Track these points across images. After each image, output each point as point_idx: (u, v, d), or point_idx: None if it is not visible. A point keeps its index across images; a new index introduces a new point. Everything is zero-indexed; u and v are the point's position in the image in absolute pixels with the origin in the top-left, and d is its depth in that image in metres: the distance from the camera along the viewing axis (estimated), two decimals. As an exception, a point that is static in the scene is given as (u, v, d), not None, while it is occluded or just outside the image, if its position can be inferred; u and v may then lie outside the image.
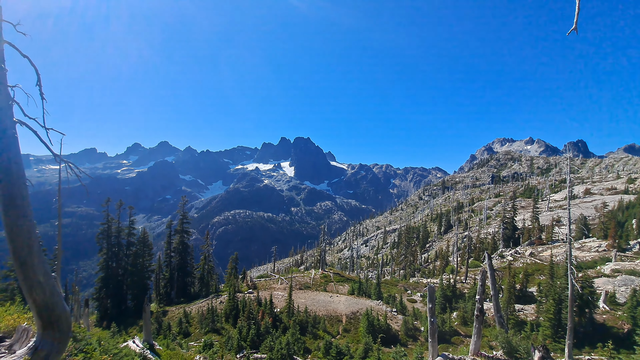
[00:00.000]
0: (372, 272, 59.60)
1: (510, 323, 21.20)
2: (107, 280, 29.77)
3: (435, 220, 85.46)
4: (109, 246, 30.17)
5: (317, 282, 36.53)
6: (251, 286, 33.97)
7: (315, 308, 27.06)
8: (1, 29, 5.61)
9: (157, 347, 15.82)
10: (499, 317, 18.46)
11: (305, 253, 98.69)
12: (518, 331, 19.35)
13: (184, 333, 23.28)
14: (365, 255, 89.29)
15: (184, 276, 34.62)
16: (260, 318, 22.77)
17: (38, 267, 4.96)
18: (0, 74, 5.42)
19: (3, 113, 5.20)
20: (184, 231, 35.02)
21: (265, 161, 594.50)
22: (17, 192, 5.01)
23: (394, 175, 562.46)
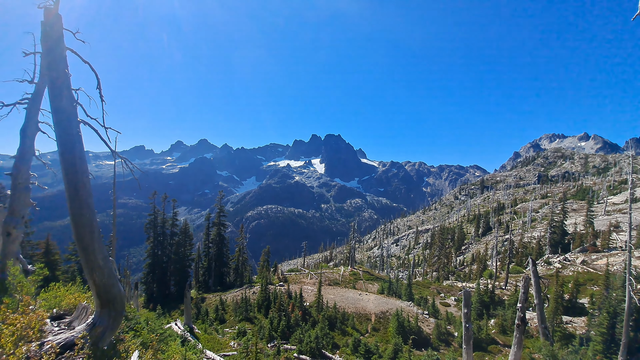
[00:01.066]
0: (402, 273, 58.20)
1: (556, 335, 19.51)
2: (154, 266, 32.48)
3: (472, 222, 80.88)
4: (155, 235, 32.86)
5: (346, 279, 36.54)
6: (282, 279, 34.94)
7: (344, 305, 27.14)
8: (63, 37, 6.34)
9: (196, 331, 16.99)
10: (544, 328, 17.08)
11: (335, 249, 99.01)
12: (565, 344, 17.77)
13: (220, 319, 24.66)
14: (395, 255, 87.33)
15: (220, 266, 36.61)
16: (290, 310, 23.39)
17: (98, 251, 5.59)
18: (64, 79, 6.14)
19: (69, 114, 5.89)
20: (220, 224, 36.97)
21: (297, 158, 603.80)
22: (81, 184, 5.66)
23: (428, 173, 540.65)
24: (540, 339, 17.24)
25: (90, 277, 5.79)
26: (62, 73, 5.96)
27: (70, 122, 5.71)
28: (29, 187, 7.76)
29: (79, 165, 5.57)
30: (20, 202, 7.64)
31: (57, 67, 6.01)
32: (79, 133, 5.69)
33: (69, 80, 6.02)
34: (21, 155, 7.86)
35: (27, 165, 7.71)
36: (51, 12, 6.26)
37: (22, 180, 7.68)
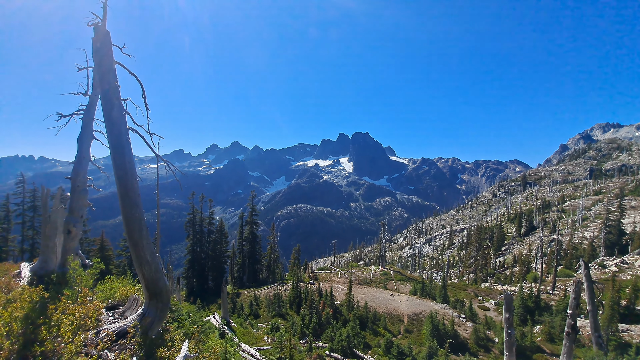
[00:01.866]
0: (436, 274, 56.03)
1: (611, 345, 17.65)
2: (193, 262, 34.52)
3: (513, 221, 75.57)
4: (194, 233, 34.89)
5: (376, 279, 36.02)
6: (312, 277, 35.33)
7: (375, 305, 26.78)
8: (112, 51, 6.93)
9: (232, 324, 17.77)
10: (597, 336, 15.53)
11: (364, 249, 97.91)
12: (620, 354, 16.01)
13: (254, 314, 25.57)
14: (428, 255, 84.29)
15: (253, 263, 37.93)
16: (321, 308, 23.59)
17: (147, 247, 6.08)
18: (115, 90, 6.72)
19: (119, 123, 6.44)
20: (253, 222, 38.30)
21: (325, 157, 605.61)
22: (131, 186, 6.18)
23: (462, 169, 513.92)
24: (593, 349, 15.70)
25: (139, 271, 6.31)
26: (112, 85, 6.54)
27: (120, 130, 6.25)
28: (86, 189, 8.62)
29: (128, 169, 6.09)
30: (79, 203, 8.52)
31: (107, 79, 6.60)
32: (128, 139, 6.22)
33: (119, 92, 6.59)
34: (79, 161, 8.76)
35: (84, 170, 8.58)
36: (100, 29, 6.89)
37: (80, 184, 8.56)
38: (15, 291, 7.26)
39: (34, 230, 25.68)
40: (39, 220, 25.42)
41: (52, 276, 8.15)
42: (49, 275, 8.39)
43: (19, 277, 9.48)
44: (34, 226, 25.73)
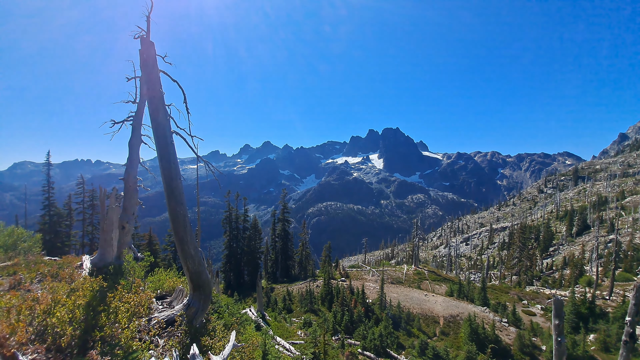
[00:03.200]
0: (474, 275, 53.16)
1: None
2: (230, 257, 36.26)
3: (563, 219, 69.16)
4: (231, 230, 36.61)
5: (409, 278, 35.08)
6: (343, 275, 35.35)
7: (409, 305, 26.13)
8: (156, 61, 7.46)
9: (267, 318, 18.41)
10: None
11: (396, 247, 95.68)
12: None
13: (287, 309, 26.24)
14: (465, 255, 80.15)
15: (286, 259, 38.89)
16: (353, 306, 23.55)
17: (191, 242, 6.52)
18: (160, 97, 7.24)
19: (164, 127, 6.94)
20: (285, 220, 39.23)
21: (354, 154, 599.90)
22: (175, 186, 6.65)
23: (503, 164, 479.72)
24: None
25: (184, 264, 6.79)
26: (157, 92, 7.06)
27: (165, 134, 6.74)
28: (136, 189, 9.43)
29: (173, 170, 6.56)
30: (131, 202, 9.34)
31: (153, 87, 7.13)
32: (172, 142, 6.69)
33: (163, 98, 7.10)
34: (130, 163, 9.59)
35: (134, 171, 9.38)
36: (146, 40, 7.45)
37: (132, 184, 9.37)
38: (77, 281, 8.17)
39: (93, 226, 28.71)
40: (97, 217, 28.38)
41: (109, 267, 9.06)
42: (106, 266, 9.33)
43: (81, 269, 10.63)
44: (92, 222, 28.77)
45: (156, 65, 7.40)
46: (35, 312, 5.32)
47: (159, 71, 7.50)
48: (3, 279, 9.37)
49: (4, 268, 10.68)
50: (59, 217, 27.13)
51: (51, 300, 5.61)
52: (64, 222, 27.47)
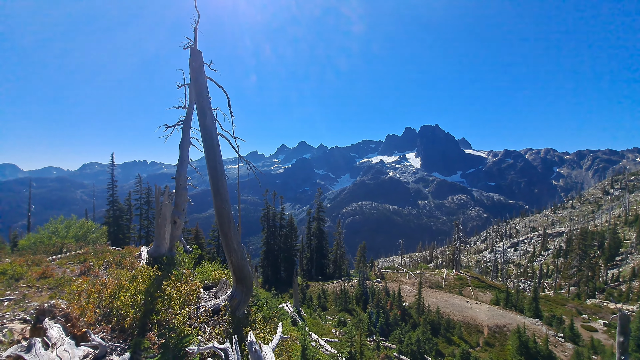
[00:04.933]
0: (524, 283, 48.85)
1: None
2: (268, 253, 37.65)
3: (632, 225, 60.46)
4: (268, 227, 38.00)
5: (450, 284, 33.34)
6: (379, 276, 34.73)
7: (449, 311, 24.86)
8: (204, 69, 8.00)
9: (302, 314, 18.80)
10: None
11: (435, 250, 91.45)
12: None
13: (322, 307, 26.53)
14: (513, 261, 73.88)
15: (320, 258, 39.32)
16: (388, 308, 23.06)
17: (234, 237, 6.93)
18: (207, 102, 7.76)
19: (210, 129, 7.44)
20: (319, 219, 39.66)
21: (390, 153, 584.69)
22: (221, 184, 7.11)
23: (559, 162, 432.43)
24: None
25: (228, 257, 7.24)
26: (205, 97, 7.59)
27: (212, 136, 7.24)
28: (186, 187, 10.24)
29: (219, 169, 7.03)
30: (182, 199, 10.16)
31: (201, 93, 7.69)
32: (218, 144, 7.16)
33: (210, 103, 7.62)
34: (180, 163, 10.44)
35: (184, 171, 10.19)
36: (194, 50, 8.04)
37: (182, 183, 10.20)
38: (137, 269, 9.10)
39: (148, 221, 31.76)
40: (152, 213, 31.37)
41: (163, 258, 9.96)
42: (161, 257, 10.27)
43: (140, 258, 11.81)
44: (148, 217, 31.84)
45: (203, 72, 7.95)
46: (103, 296, 6.05)
47: (206, 78, 8.06)
48: (75, 266, 10.79)
49: (76, 256, 12.28)
50: (121, 212, 30.49)
51: (116, 285, 6.34)
52: (125, 216, 30.82)
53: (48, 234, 15.43)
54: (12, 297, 7.68)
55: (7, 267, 9.33)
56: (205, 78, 8.05)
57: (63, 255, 12.03)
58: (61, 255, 12.07)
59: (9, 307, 7.11)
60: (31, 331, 4.05)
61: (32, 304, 7.38)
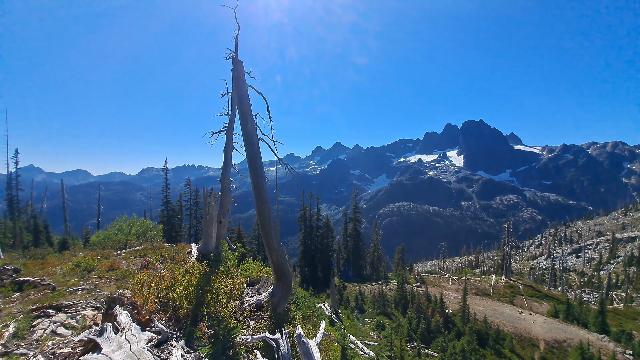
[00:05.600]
0: (588, 294, 43.55)
1: None
2: (305, 253, 38.37)
3: None
4: (305, 227, 38.72)
5: (499, 291, 30.91)
6: (419, 280, 33.43)
7: (498, 321, 23.08)
8: (245, 77, 8.46)
9: (340, 315, 18.83)
10: None
11: (481, 254, 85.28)
12: None
13: (359, 308, 26.29)
14: (575, 270, 66.02)
15: (357, 259, 39.02)
16: (429, 314, 22.10)
17: (274, 237, 7.24)
18: (248, 108, 8.20)
19: (252, 134, 7.85)
20: (356, 220, 39.38)
21: (429, 152, 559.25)
22: (262, 186, 7.47)
23: (630, 157, 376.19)
24: None
25: (269, 256, 7.57)
26: (246, 104, 8.04)
27: (253, 140, 7.65)
28: (230, 189, 10.91)
29: (259, 172, 7.40)
30: (226, 200, 10.85)
31: (243, 100, 8.15)
32: (259, 148, 7.54)
33: (251, 109, 8.05)
34: (225, 167, 11.15)
35: (228, 173, 10.87)
36: (236, 60, 8.55)
37: (226, 185, 10.88)
38: (188, 265, 9.90)
39: (197, 220, 34.34)
40: (200, 213, 33.89)
41: (210, 255, 10.72)
42: (208, 254, 11.06)
43: (190, 254, 12.82)
44: (196, 217, 34.43)
45: (245, 81, 8.42)
46: (161, 288, 6.70)
47: (247, 86, 8.53)
48: (137, 260, 12.04)
49: (137, 251, 13.70)
50: (173, 212, 33.40)
51: (172, 278, 6.99)
52: (176, 216, 33.73)
53: (114, 231, 17.52)
54: (85, 286, 8.84)
55: (81, 260, 10.76)
56: (246, 86, 8.51)
57: (127, 250, 13.52)
58: (125, 250, 13.58)
59: (82, 295, 8.20)
60: (103, 317, 4.66)
61: (102, 293, 8.42)
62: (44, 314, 6.54)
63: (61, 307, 6.59)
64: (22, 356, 5.15)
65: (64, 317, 6.40)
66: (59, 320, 6.26)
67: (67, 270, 9.97)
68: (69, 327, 6.09)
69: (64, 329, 6.03)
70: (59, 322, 6.16)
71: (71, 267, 10.07)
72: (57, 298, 7.52)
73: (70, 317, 6.47)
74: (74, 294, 8.11)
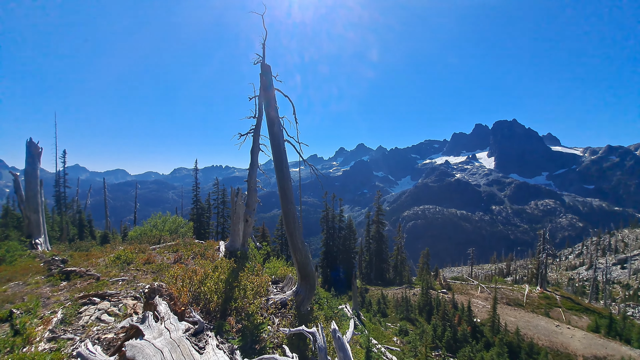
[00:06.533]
0: (633, 308, 39.76)
1: None
2: (327, 254, 38.44)
3: None
4: (327, 228, 38.81)
5: (533, 302, 29.09)
6: (444, 286, 32.30)
7: (531, 334, 21.74)
8: (272, 81, 8.71)
9: (362, 317, 18.68)
10: None
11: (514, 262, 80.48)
12: None
13: (381, 312, 25.90)
14: (620, 282, 60.36)
15: (380, 262, 38.43)
16: (456, 322, 21.30)
17: (299, 237, 7.40)
18: (275, 111, 8.44)
19: (278, 136, 8.07)
20: (379, 222, 38.84)
21: (456, 153, 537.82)
22: (287, 186, 7.66)
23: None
24: None
25: (294, 255, 7.74)
26: (273, 107, 8.29)
27: (279, 142, 7.87)
28: (256, 189, 11.26)
29: (285, 173, 7.60)
30: (252, 199, 11.21)
31: (270, 103, 8.41)
32: (285, 149, 7.75)
33: (278, 112, 8.29)
34: (251, 167, 11.52)
35: (255, 174, 11.22)
36: (264, 65, 8.83)
37: (253, 185, 11.24)
38: (217, 261, 10.33)
39: (224, 218, 35.69)
40: (227, 212, 35.20)
41: (237, 252, 11.12)
42: (235, 251, 11.48)
43: (218, 251, 13.37)
44: (223, 215, 35.79)
45: (272, 84, 8.68)
46: (193, 281, 7.09)
47: (274, 89, 8.79)
48: (170, 254, 12.76)
49: (170, 246, 14.51)
50: (202, 210, 34.95)
51: (203, 273, 7.36)
52: (205, 214, 35.27)
53: (150, 227, 18.70)
54: (124, 277, 9.52)
55: (121, 253, 11.60)
56: (274, 89, 8.77)
57: (161, 245, 14.37)
58: (159, 245, 14.44)
59: (123, 286, 8.84)
60: (144, 306, 5.03)
61: (140, 284, 9.03)
62: (89, 301, 7.15)
63: (105, 295, 7.17)
64: (69, 341, 5.65)
65: (108, 305, 6.97)
66: (103, 308, 6.82)
67: (109, 262, 10.79)
68: (112, 315, 6.62)
69: (108, 316, 6.57)
70: (103, 310, 6.71)
71: (112, 259, 10.89)
72: (101, 287, 8.18)
73: (113, 305, 7.02)
74: (116, 284, 8.78)
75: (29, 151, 15.43)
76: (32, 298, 7.31)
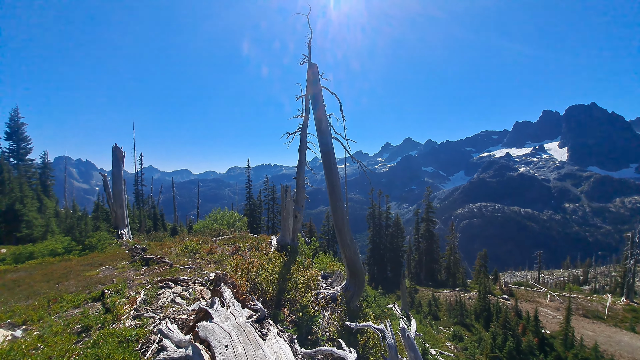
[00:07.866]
0: None
1: None
2: (373, 251, 37.96)
3: None
4: (374, 225, 38.26)
5: (616, 315, 25.01)
6: (506, 292, 29.51)
7: (613, 350, 18.77)
8: (319, 79, 8.85)
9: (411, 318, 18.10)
10: None
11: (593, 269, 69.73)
12: None
13: (432, 315, 24.75)
14: None
15: (430, 262, 36.64)
16: (520, 332, 19.39)
17: (348, 233, 7.48)
18: (322, 109, 8.58)
19: (326, 133, 8.21)
20: (429, 220, 36.98)
21: (519, 144, 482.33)
22: (335, 183, 7.78)
23: None
24: None
25: (342, 252, 7.85)
26: (320, 105, 8.45)
27: (327, 139, 8.01)
28: (304, 186, 11.62)
29: (334, 170, 7.72)
30: (301, 196, 11.60)
31: (317, 101, 8.58)
32: (332, 147, 7.87)
33: (325, 109, 8.43)
34: (300, 165, 11.91)
35: (303, 171, 11.59)
36: (310, 64, 9.02)
37: (301, 182, 11.62)
38: (270, 254, 10.94)
39: (273, 214, 37.67)
40: (276, 208, 37.09)
41: (287, 247, 11.64)
42: (285, 245, 12.03)
43: (270, 245, 14.13)
44: (273, 211, 37.76)
45: (319, 83, 8.85)
46: (250, 272, 7.64)
47: (321, 87, 8.94)
48: (228, 246, 13.87)
49: (228, 239, 15.75)
50: (254, 206, 37.33)
51: (259, 265, 7.89)
52: (257, 210, 37.65)
53: (211, 221, 20.66)
54: (192, 266, 10.63)
55: (188, 244, 12.95)
56: (320, 87, 8.92)
57: (220, 238, 15.73)
58: (219, 238, 15.82)
59: (191, 273, 9.89)
60: (212, 292, 5.60)
61: (204, 272, 10.01)
62: (165, 285, 8.18)
63: (178, 280, 8.12)
64: (150, 319, 6.55)
65: (180, 289, 7.90)
66: (176, 291, 7.75)
67: (179, 251, 12.17)
68: (184, 298, 7.50)
69: (180, 299, 7.45)
70: (177, 293, 7.63)
71: (181, 249, 12.25)
72: (174, 273, 9.29)
73: (184, 289, 7.94)
74: (185, 271, 9.89)
75: (114, 155, 18.09)
76: (120, 280, 8.62)
